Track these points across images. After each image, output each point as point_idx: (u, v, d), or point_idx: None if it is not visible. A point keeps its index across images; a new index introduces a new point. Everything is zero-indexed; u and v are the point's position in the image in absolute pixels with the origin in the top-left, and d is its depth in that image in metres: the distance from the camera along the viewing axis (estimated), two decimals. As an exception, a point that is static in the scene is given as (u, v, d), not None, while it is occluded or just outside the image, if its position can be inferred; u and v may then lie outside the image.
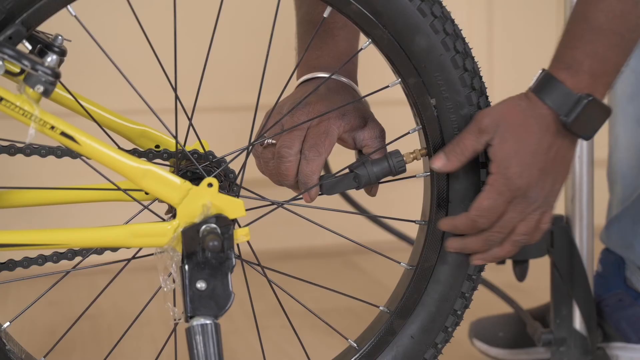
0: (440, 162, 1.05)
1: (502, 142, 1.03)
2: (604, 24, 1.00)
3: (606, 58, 1.01)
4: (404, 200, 1.13)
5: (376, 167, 1.09)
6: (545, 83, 1.03)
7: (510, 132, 1.03)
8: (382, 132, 1.13)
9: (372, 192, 1.14)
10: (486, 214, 1.05)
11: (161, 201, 1.05)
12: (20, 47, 0.97)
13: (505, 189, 1.04)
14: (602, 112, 1.03)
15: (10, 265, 1.07)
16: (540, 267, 1.52)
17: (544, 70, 1.03)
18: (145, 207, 1.07)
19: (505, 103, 1.05)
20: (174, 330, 1.09)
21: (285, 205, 1.11)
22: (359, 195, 1.39)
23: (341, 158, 1.31)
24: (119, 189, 1.08)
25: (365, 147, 1.13)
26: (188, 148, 1.08)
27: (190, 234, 1.01)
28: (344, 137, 1.13)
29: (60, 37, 1.01)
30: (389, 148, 1.15)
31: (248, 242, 1.05)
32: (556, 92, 1.02)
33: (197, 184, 1.02)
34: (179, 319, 1.03)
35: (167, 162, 1.11)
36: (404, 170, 1.09)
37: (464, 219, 1.06)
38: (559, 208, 1.47)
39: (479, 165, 1.07)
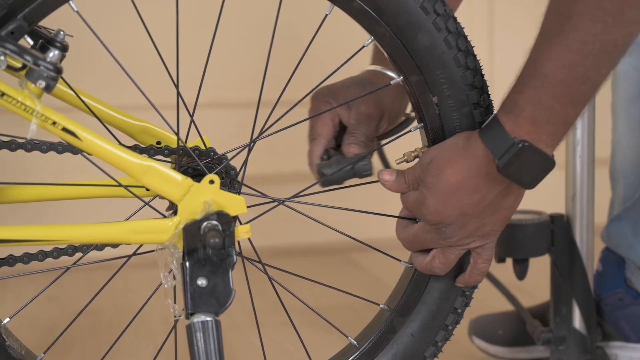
0: (387, 176, 1.07)
1: (428, 175, 1.03)
2: (551, 72, 0.96)
3: (550, 107, 0.97)
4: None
5: (340, 167, 1.10)
6: (489, 124, 1.00)
7: (438, 168, 1.02)
8: (367, 130, 1.16)
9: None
10: (400, 227, 1.09)
11: (162, 198, 1.05)
12: (22, 42, 0.97)
13: (420, 215, 1.04)
14: (542, 162, 0.98)
15: (10, 260, 1.07)
16: (541, 266, 1.52)
17: (495, 112, 1.01)
18: (147, 203, 1.07)
19: (449, 139, 1.04)
20: (174, 327, 1.09)
21: (286, 203, 1.11)
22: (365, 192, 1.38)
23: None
24: (120, 185, 1.08)
25: (348, 127, 1.17)
26: (189, 145, 1.08)
27: (192, 230, 1.01)
28: (341, 115, 1.18)
29: (62, 33, 1.01)
30: (391, 145, 1.15)
31: (249, 239, 1.06)
32: (495, 133, 0.99)
33: (199, 181, 1.02)
34: (180, 316, 1.03)
35: (168, 159, 1.11)
36: (369, 174, 1.09)
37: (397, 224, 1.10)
38: (559, 207, 1.47)
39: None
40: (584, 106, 0.98)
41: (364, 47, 1.06)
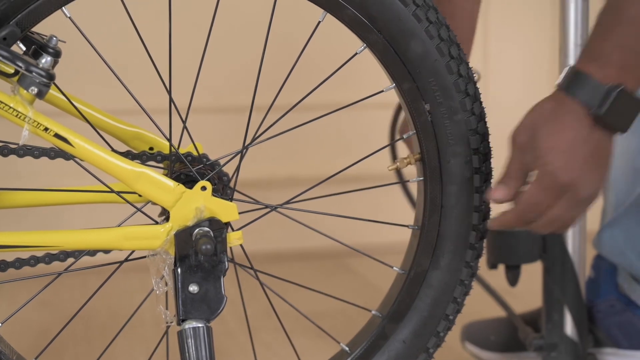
0: (501, 193, 1.05)
1: (539, 143, 1.02)
2: (635, 15, 0.98)
3: (636, 50, 0.99)
4: (398, 204, 1.14)
5: None
6: (572, 78, 1.01)
7: (545, 132, 1.01)
8: None
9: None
10: (533, 209, 1.04)
11: (154, 204, 1.05)
12: (14, 48, 0.97)
13: (552, 184, 1.02)
14: (634, 104, 1.00)
15: (2, 266, 1.07)
16: (532, 273, 1.53)
17: (571, 66, 1.02)
18: (138, 209, 1.07)
19: (532, 112, 1.04)
20: (166, 332, 1.09)
21: (279, 209, 1.11)
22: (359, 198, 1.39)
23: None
24: (112, 191, 1.08)
25: None
26: (182, 151, 1.08)
27: (183, 237, 1.01)
28: None
29: (54, 38, 1.01)
30: (382, 154, 1.15)
31: (241, 245, 1.06)
32: (585, 86, 1.00)
33: (191, 187, 1.02)
34: (171, 322, 1.03)
35: (160, 165, 1.11)
36: None
37: (512, 216, 1.06)
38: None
39: (472, 170, 1.08)
40: None
41: (356, 54, 1.06)
